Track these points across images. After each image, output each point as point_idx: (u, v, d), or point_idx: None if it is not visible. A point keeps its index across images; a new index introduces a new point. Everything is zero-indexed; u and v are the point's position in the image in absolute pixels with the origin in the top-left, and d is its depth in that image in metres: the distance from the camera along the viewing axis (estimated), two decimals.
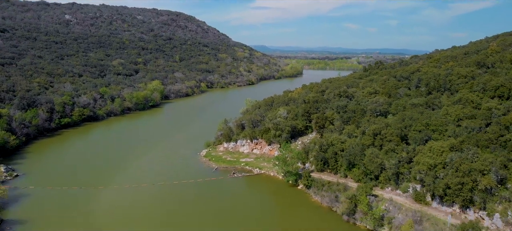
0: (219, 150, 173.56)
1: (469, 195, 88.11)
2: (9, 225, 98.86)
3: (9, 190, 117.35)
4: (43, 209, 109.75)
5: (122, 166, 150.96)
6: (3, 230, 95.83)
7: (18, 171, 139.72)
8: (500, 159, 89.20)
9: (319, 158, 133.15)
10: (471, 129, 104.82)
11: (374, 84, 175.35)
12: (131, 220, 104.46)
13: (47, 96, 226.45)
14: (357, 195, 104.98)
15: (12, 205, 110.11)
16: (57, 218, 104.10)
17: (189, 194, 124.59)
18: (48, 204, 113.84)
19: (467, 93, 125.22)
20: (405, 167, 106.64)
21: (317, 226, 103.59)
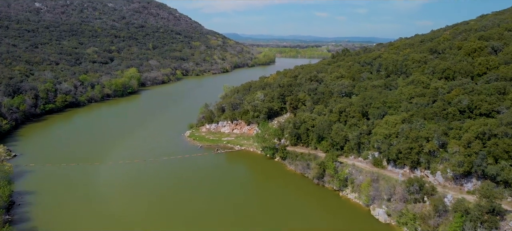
0: (202, 131, 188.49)
1: (417, 158, 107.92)
2: (20, 195, 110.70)
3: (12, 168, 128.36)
4: (46, 182, 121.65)
5: (113, 145, 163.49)
6: (15, 202, 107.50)
7: (14, 152, 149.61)
8: (442, 128, 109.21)
9: (293, 134, 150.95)
10: (420, 105, 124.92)
11: (340, 70, 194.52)
12: (129, 189, 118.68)
13: (31, 83, 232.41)
14: (325, 162, 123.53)
15: (18, 180, 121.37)
16: (60, 189, 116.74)
17: (178, 167, 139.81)
18: (50, 178, 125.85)
19: (419, 76, 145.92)
20: (365, 138, 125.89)
21: (293, 189, 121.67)
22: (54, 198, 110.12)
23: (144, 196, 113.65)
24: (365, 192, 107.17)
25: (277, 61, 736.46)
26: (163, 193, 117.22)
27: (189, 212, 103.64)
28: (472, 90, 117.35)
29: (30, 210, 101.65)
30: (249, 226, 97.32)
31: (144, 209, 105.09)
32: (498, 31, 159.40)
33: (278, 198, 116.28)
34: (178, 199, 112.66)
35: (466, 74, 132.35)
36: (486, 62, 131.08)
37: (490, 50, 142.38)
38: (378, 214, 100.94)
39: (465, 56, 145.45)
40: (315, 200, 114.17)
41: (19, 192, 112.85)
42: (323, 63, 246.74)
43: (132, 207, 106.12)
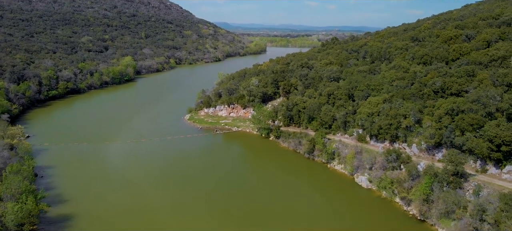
0: (201, 114, 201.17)
1: (395, 133, 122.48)
2: (41, 169, 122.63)
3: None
4: (62, 159, 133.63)
5: (119, 127, 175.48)
6: (37, 174, 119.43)
7: (27, 133, 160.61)
8: (417, 106, 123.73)
9: (286, 115, 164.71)
10: (400, 87, 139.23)
11: (329, 57, 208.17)
12: (139, 162, 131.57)
13: (33, 71, 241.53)
14: (315, 138, 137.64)
15: (36, 156, 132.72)
16: (76, 164, 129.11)
17: (182, 145, 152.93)
18: (65, 155, 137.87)
19: (400, 61, 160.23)
20: (351, 117, 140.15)
21: (286, 162, 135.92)
22: (72, 171, 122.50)
23: (153, 167, 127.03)
24: (349, 163, 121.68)
25: (268, 50, 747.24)
26: (170, 164, 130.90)
27: (194, 181, 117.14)
28: (446, 73, 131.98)
29: (52, 181, 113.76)
30: (248, 194, 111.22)
31: (154, 177, 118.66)
32: (473, 20, 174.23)
33: (273, 170, 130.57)
34: (183, 170, 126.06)
35: (442, 59, 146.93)
36: (460, 48, 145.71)
37: (464, 38, 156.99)
38: (361, 181, 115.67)
39: (442, 43, 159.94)
40: (306, 172, 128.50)
41: (39, 166, 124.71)
42: (314, 51, 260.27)
43: (144, 175, 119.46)
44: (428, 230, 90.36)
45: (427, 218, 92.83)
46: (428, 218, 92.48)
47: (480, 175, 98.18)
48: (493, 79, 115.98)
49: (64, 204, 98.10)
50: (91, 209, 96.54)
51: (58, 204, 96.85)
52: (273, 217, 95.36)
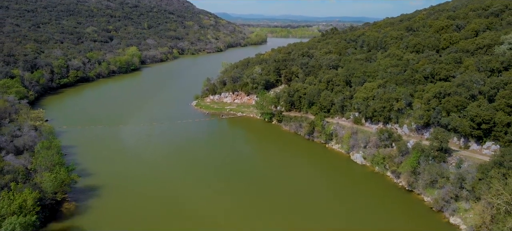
0: (206, 101, 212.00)
1: (388, 115, 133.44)
2: (63, 148, 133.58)
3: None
4: (82, 139, 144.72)
5: (130, 112, 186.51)
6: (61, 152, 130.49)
7: (44, 118, 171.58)
8: (409, 91, 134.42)
9: (288, 101, 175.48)
10: (394, 73, 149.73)
11: (329, 46, 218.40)
12: (153, 142, 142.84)
13: (45, 60, 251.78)
14: (315, 121, 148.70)
15: (57, 138, 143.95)
16: (95, 143, 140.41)
17: (191, 128, 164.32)
18: (84, 136, 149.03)
19: (395, 50, 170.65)
20: (348, 102, 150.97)
21: (287, 143, 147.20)
22: (91, 150, 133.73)
23: (166, 147, 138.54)
24: (346, 142, 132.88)
25: (268, 41, 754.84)
26: (181, 144, 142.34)
27: (203, 158, 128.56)
28: (436, 60, 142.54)
29: (75, 158, 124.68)
30: (252, 169, 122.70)
31: (167, 154, 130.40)
32: (464, 11, 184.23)
33: (276, 149, 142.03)
34: (193, 149, 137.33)
35: (433, 48, 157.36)
36: (450, 38, 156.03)
37: (454, 28, 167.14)
38: (356, 158, 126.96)
39: (434, 33, 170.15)
40: (306, 151, 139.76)
41: (61, 146, 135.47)
42: (314, 41, 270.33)
43: (157, 153, 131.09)
44: (415, 198, 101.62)
45: (414, 188, 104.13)
46: (415, 188, 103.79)
47: (463, 151, 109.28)
48: (478, 66, 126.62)
49: (89, 177, 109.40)
50: (113, 181, 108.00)
51: (84, 177, 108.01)
52: (274, 189, 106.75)
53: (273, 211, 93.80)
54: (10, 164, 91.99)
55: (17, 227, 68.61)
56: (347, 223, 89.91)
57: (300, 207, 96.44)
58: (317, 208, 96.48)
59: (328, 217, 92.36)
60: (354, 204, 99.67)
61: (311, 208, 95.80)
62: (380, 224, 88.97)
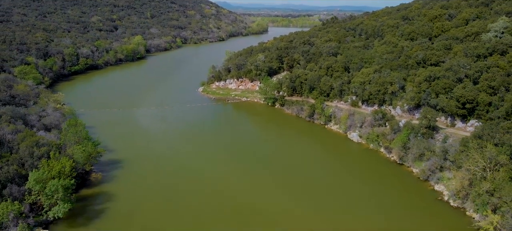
0: (212, 87, 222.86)
1: (383, 97, 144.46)
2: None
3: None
4: (100, 121, 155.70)
5: (141, 97, 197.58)
6: None
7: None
8: (402, 75, 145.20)
9: (290, 86, 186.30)
10: (389, 59, 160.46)
11: (329, 34, 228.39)
12: (166, 124, 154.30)
13: (56, 48, 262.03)
14: (315, 104, 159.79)
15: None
16: (112, 124, 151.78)
17: (200, 111, 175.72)
18: (101, 118, 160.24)
19: (391, 38, 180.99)
20: (346, 86, 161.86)
21: (290, 125, 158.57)
22: (110, 129, 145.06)
23: (178, 127, 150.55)
24: (343, 122, 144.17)
25: (269, 30, 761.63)
26: (192, 124, 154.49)
27: (212, 136, 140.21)
28: (428, 47, 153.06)
29: (95, 136, 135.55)
30: (258, 148, 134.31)
31: (180, 133, 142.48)
32: (456, 1, 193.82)
33: (279, 130, 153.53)
34: (203, 129, 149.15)
35: (426, 35, 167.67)
36: (442, 26, 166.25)
37: (447, 16, 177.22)
38: (352, 137, 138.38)
39: (428, 21, 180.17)
40: (307, 131, 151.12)
41: None
42: (315, 29, 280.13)
43: (171, 132, 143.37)
44: (404, 170, 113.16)
45: (404, 162, 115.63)
46: (405, 162, 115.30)
47: (449, 128, 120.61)
48: (465, 51, 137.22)
49: (111, 153, 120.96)
50: (132, 156, 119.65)
51: (106, 152, 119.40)
52: (277, 163, 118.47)
53: (276, 180, 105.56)
54: (44, 138, 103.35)
55: (59, 188, 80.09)
56: (344, 192, 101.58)
57: (300, 178, 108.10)
58: (317, 179, 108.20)
59: (326, 187, 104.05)
60: (350, 176, 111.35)
61: (311, 180, 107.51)
62: (373, 193, 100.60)
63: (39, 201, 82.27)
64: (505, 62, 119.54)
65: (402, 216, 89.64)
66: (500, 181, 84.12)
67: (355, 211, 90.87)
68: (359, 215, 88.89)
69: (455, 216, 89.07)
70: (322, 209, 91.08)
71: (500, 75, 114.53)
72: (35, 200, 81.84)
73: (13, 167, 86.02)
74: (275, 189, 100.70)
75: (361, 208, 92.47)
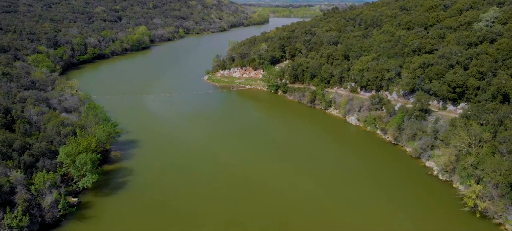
0: (217, 75, 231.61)
1: (380, 83, 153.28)
2: None
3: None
4: (113, 106, 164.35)
5: (149, 84, 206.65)
6: None
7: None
8: (399, 62, 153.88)
9: (292, 74, 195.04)
10: (386, 48, 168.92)
11: (330, 24, 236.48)
12: (175, 109, 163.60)
13: (64, 38, 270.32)
14: (316, 91, 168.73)
15: None
16: (126, 108, 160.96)
17: (206, 97, 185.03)
18: (115, 103, 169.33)
19: (388, 27, 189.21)
20: (345, 73, 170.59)
21: (292, 110, 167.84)
22: (124, 113, 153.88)
23: (187, 111, 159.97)
24: (343, 107, 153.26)
25: (270, 21, 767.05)
26: (200, 109, 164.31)
27: (219, 120, 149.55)
28: (423, 36, 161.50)
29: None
30: (262, 130, 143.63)
31: (189, 117, 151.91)
32: None
33: (282, 115, 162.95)
34: (211, 114, 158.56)
35: (422, 25, 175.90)
36: (437, 16, 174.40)
37: (442, 7, 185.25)
38: (351, 120, 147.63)
39: (424, 11, 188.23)
40: (308, 115, 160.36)
41: None
42: (316, 19, 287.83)
43: (181, 116, 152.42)
44: (399, 149, 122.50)
45: (398, 142, 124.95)
46: (400, 142, 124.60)
47: (441, 111, 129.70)
48: (458, 40, 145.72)
49: (127, 134, 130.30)
50: (147, 136, 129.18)
51: (123, 134, 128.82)
52: (280, 142, 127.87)
53: (280, 158, 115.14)
54: (68, 118, 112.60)
55: (88, 161, 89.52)
56: (343, 168, 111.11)
57: (303, 155, 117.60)
58: (318, 157, 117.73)
59: (326, 164, 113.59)
60: (349, 155, 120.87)
61: (312, 157, 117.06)
62: (369, 169, 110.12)
63: (69, 173, 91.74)
64: (493, 50, 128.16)
65: (395, 188, 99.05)
66: (483, 155, 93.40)
67: (353, 185, 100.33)
68: (356, 188, 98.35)
69: (443, 188, 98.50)
70: (323, 182, 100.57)
71: (488, 62, 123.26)
72: (66, 172, 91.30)
73: (44, 143, 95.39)
74: (280, 165, 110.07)
75: (358, 182, 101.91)
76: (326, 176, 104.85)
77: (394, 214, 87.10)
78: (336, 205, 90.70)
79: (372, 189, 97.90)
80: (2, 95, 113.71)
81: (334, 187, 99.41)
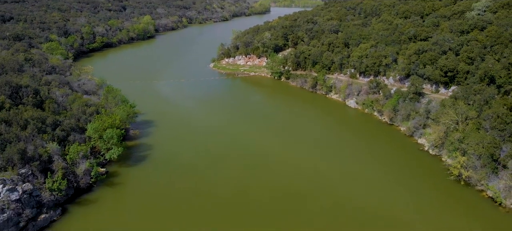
0: (222, 63, 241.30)
1: (377, 69, 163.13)
2: None
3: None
4: (126, 90, 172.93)
5: (158, 71, 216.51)
6: None
7: None
8: (395, 49, 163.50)
9: (294, 61, 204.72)
10: (384, 35, 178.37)
11: (331, 13, 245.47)
12: (185, 94, 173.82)
13: (74, 27, 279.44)
14: (318, 77, 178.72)
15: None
16: (138, 93, 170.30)
17: (213, 83, 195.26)
18: (127, 88, 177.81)
19: (387, 16, 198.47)
20: (345, 60, 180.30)
21: (294, 95, 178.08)
22: (136, 97, 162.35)
23: (196, 95, 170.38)
24: (342, 92, 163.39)
25: (272, 10, 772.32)
26: (208, 94, 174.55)
27: (227, 103, 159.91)
28: (418, 24, 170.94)
29: None
30: (268, 111, 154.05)
31: (198, 101, 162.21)
32: None
33: (285, 99, 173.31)
34: (218, 98, 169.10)
35: (418, 14, 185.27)
36: (432, 5, 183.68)
37: None
38: (350, 104, 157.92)
39: (421, 1, 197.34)
40: (310, 100, 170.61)
41: None
42: (317, 9, 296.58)
43: (190, 100, 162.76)
44: (394, 129, 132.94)
45: (394, 122, 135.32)
46: (395, 122, 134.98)
47: (433, 94, 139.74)
48: (451, 28, 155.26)
49: (142, 115, 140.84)
50: (162, 117, 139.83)
51: (138, 115, 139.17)
52: (283, 123, 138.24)
53: (284, 136, 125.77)
54: (91, 99, 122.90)
55: (114, 135, 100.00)
56: (342, 145, 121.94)
57: (304, 135, 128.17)
58: (318, 136, 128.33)
59: (327, 141, 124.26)
60: (348, 134, 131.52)
61: (313, 136, 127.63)
62: (367, 146, 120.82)
63: (96, 146, 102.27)
64: (483, 37, 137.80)
65: (390, 163, 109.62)
66: (468, 131, 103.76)
67: (352, 159, 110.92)
68: (355, 162, 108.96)
69: (433, 161, 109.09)
70: (324, 157, 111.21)
71: (477, 48, 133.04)
72: (94, 146, 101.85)
73: (73, 120, 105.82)
74: (284, 142, 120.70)
75: (357, 157, 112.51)
76: (327, 152, 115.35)
77: (389, 183, 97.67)
78: (337, 176, 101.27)
79: (370, 163, 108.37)
80: (29, 78, 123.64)
81: (335, 161, 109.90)
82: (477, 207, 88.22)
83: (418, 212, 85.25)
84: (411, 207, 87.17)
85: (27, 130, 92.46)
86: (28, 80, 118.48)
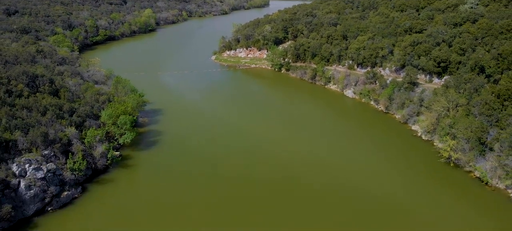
0: (224, 55, 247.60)
1: (374, 60, 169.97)
2: None
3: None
4: (131, 80, 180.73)
5: (161, 63, 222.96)
6: None
7: None
8: (392, 41, 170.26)
9: (294, 53, 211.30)
10: (381, 28, 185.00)
11: (330, 7, 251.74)
12: (189, 84, 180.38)
13: (77, 20, 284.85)
14: (317, 68, 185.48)
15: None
16: (144, 84, 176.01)
17: (215, 75, 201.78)
18: (132, 79, 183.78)
19: (384, 9, 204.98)
20: (344, 52, 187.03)
21: (294, 86, 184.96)
22: (143, 87, 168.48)
23: (200, 86, 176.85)
24: (341, 82, 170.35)
25: (271, 4, 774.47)
26: (211, 85, 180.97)
27: (229, 94, 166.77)
28: (414, 17, 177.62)
29: None
30: (269, 101, 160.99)
31: (202, 91, 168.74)
32: None
33: (285, 89, 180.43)
34: (221, 89, 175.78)
35: (414, 7, 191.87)
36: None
37: None
38: (348, 94, 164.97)
39: None
40: (309, 90, 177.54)
41: None
42: (316, 2, 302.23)
43: (195, 90, 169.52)
44: (389, 117, 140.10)
45: (389, 110, 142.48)
46: (390, 110, 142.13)
47: (427, 84, 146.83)
48: (445, 21, 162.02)
49: (150, 104, 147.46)
50: (169, 106, 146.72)
51: (147, 104, 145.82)
52: (284, 111, 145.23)
53: (284, 124, 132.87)
54: (102, 88, 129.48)
55: (127, 121, 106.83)
56: (340, 132, 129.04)
57: (303, 123, 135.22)
58: (317, 124, 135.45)
59: (326, 129, 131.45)
60: (345, 121, 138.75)
61: (312, 124, 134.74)
62: (363, 133, 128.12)
63: (110, 132, 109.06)
64: (474, 29, 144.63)
65: (385, 148, 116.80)
66: (458, 117, 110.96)
67: (350, 145, 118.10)
68: (353, 148, 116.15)
69: (425, 146, 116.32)
70: (323, 144, 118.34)
71: (469, 39, 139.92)
72: (108, 131, 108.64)
73: (88, 107, 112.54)
74: (284, 129, 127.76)
75: (354, 143, 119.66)
76: (326, 139, 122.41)
77: (385, 166, 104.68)
78: (335, 160, 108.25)
79: (366, 149, 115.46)
80: (43, 68, 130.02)
81: (333, 147, 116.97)
82: (465, 186, 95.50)
83: (411, 191, 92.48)
84: (404, 187, 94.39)
85: (47, 115, 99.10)
86: (42, 70, 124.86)
